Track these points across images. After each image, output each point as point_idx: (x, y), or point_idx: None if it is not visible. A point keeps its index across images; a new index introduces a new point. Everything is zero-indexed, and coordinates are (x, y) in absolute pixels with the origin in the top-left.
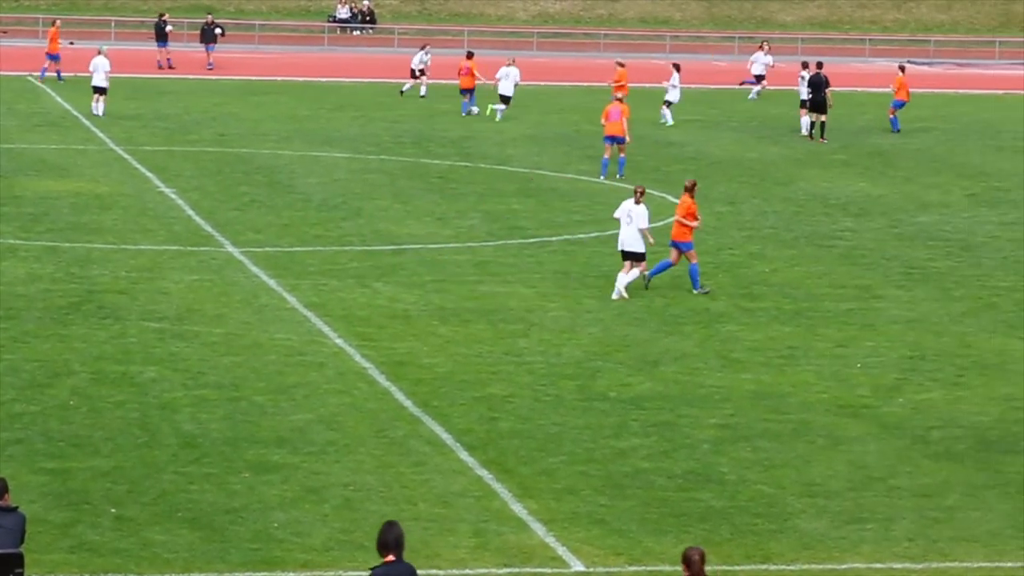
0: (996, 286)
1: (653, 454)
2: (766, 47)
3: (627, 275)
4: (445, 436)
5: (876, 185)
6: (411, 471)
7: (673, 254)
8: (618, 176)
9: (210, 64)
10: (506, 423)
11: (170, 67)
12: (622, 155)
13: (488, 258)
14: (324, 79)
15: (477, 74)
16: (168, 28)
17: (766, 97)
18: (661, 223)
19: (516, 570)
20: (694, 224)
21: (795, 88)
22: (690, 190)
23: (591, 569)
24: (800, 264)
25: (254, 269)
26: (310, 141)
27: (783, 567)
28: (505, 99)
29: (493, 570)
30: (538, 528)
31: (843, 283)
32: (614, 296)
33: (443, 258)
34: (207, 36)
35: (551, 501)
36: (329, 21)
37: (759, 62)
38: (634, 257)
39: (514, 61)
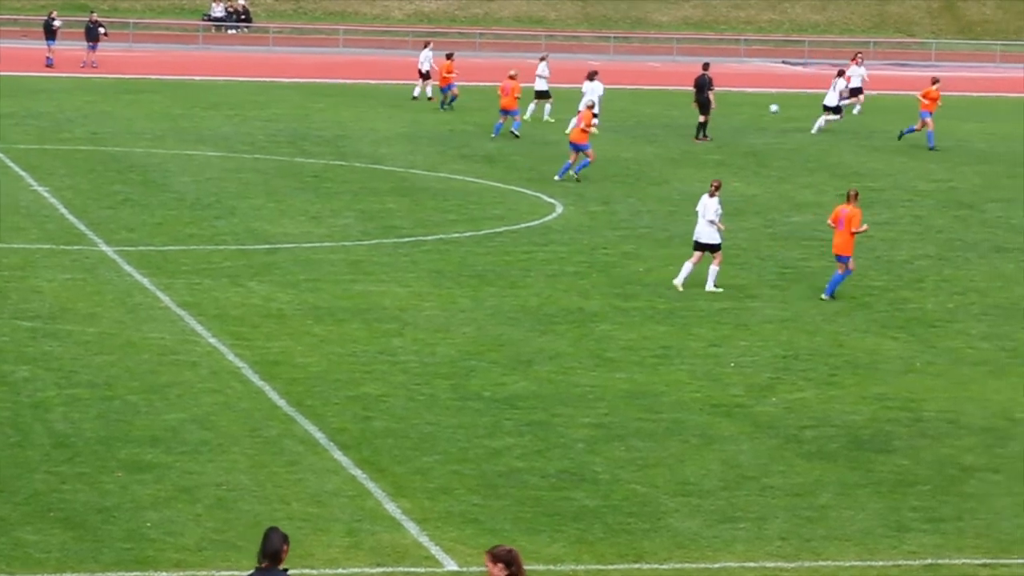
0: (869, 286)
1: (527, 453)
2: (860, 59)
3: (693, 264)
4: (319, 435)
5: (750, 185)
6: (285, 470)
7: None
8: (557, 178)
9: (94, 63)
10: (380, 422)
11: (48, 65)
12: (586, 159)
13: (362, 257)
14: (199, 77)
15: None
16: (56, 24)
17: (641, 97)
18: (537, 222)
19: (389, 569)
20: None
21: (676, 88)
22: (853, 198)
23: (464, 568)
24: (674, 263)
25: (127, 268)
26: (184, 140)
27: (656, 566)
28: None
29: (366, 569)
30: (411, 527)
31: (717, 283)
32: (676, 281)
33: (317, 257)
34: (91, 35)
35: (425, 500)
36: (204, 19)
37: (855, 76)
38: (708, 248)
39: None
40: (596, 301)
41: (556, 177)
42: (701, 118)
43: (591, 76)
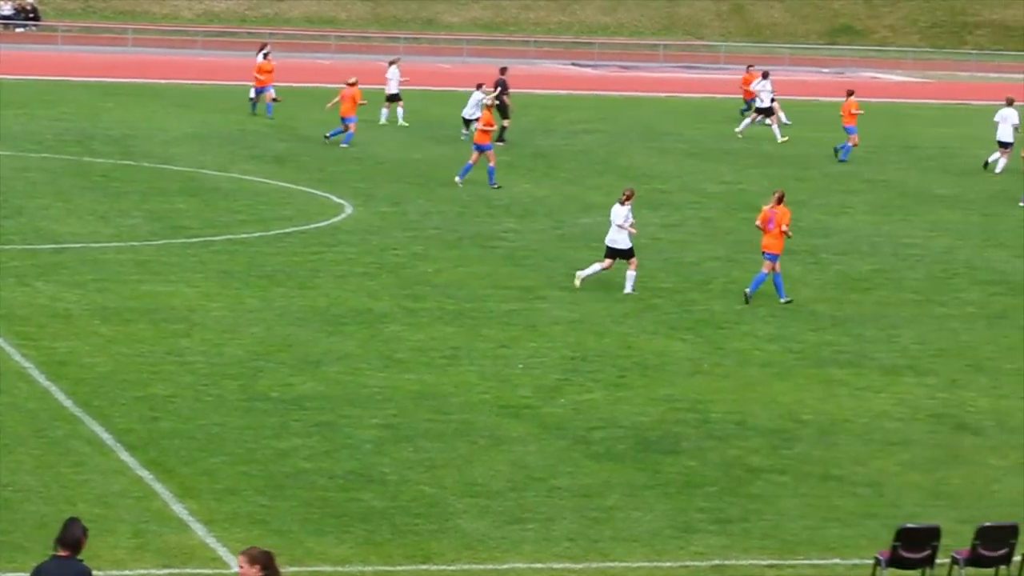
0: (658, 287)
1: (315, 454)
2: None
3: (599, 267)
4: (105, 436)
5: (540, 186)
6: (71, 471)
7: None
8: (458, 179)
9: None
10: (167, 423)
11: None
12: (490, 164)
13: (150, 257)
14: None
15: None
16: None
17: (431, 98)
18: (326, 223)
19: (176, 571)
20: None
21: (466, 89)
22: (780, 200)
23: None
24: (464, 265)
25: None
26: None
27: (444, 567)
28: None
29: (153, 571)
30: (199, 528)
31: (506, 284)
32: (579, 274)
33: (105, 257)
34: None
35: (212, 501)
36: None
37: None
38: (621, 255)
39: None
40: (385, 302)
41: (457, 179)
42: (503, 122)
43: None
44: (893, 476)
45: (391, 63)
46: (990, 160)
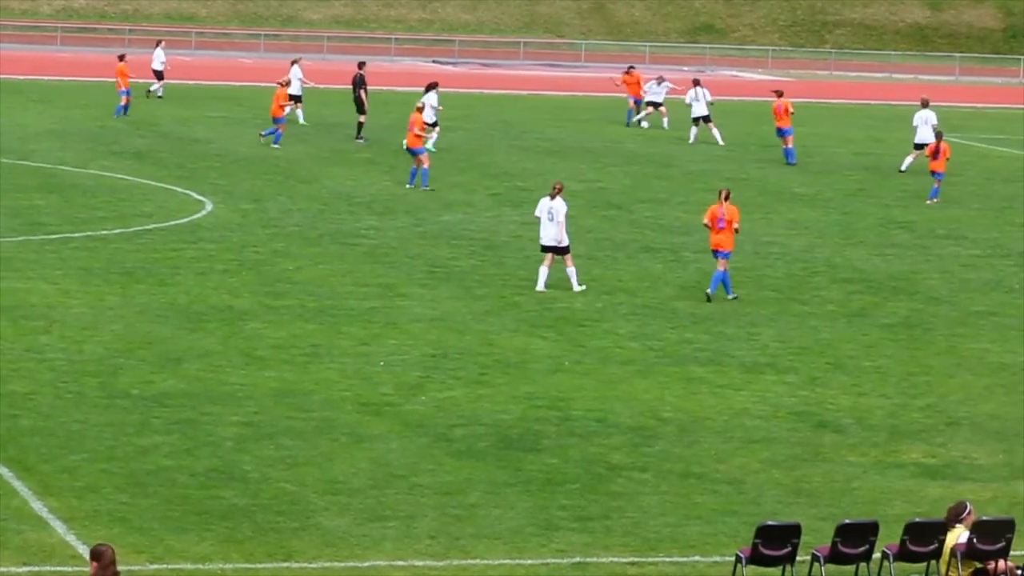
0: (519, 285)
1: (175, 452)
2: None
3: (548, 269)
4: None
5: (400, 183)
6: None
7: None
8: (408, 186)
9: None
10: (27, 420)
11: None
12: (423, 167)
13: (10, 254)
14: None
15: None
16: None
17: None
18: (186, 220)
19: (35, 569)
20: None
21: (325, 87)
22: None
23: None
24: (324, 262)
25: None
26: None
27: (305, 565)
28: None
29: (12, 569)
30: (58, 526)
31: (367, 281)
32: (540, 289)
33: None
34: None
35: (72, 499)
36: None
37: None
38: (558, 251)
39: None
40: (246, 299)
41: (408, 185)
42: (360, 118)
43: (429, 87)
44: (754, 473)
45: (293, 63)
46: (903, 167)
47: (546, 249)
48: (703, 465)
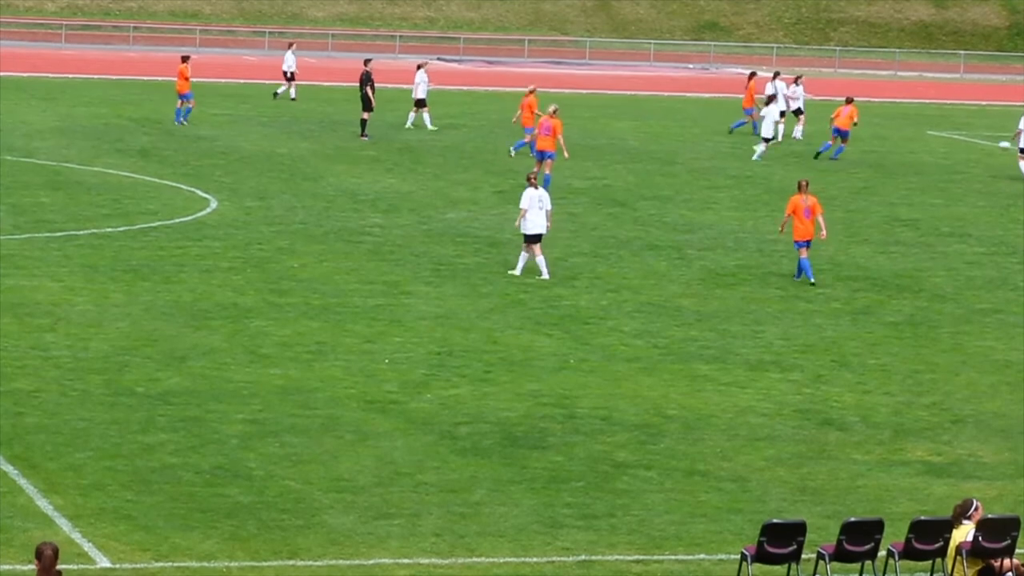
0: (523, 283)
1: (180, 449)
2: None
3: (528, 255)
4: None
5: (405, 181)
6: None
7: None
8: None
9: None
10: (32, 418)
11: None
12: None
13: (14, 251)
14: None
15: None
16: None
17: (298, 92)
18: (191, 217)
19: None
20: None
21: (331, 84)
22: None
23: (117, 565)
24: (329, 260)
25: None
26: None
27: (310, 563)
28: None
29: (18, 567)
30: (64, 524)
31: (372, 279)
32: (517, 273)
33: None
34: None
35: (77, 497)
36: None
37: (783, 95)
38: (537, 239)
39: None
40: (251, 297)
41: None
42: (364, 115)
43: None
44: (759, 471)
45: (290, 45)
46: None
47: (532, 238)
48: (708, 463)
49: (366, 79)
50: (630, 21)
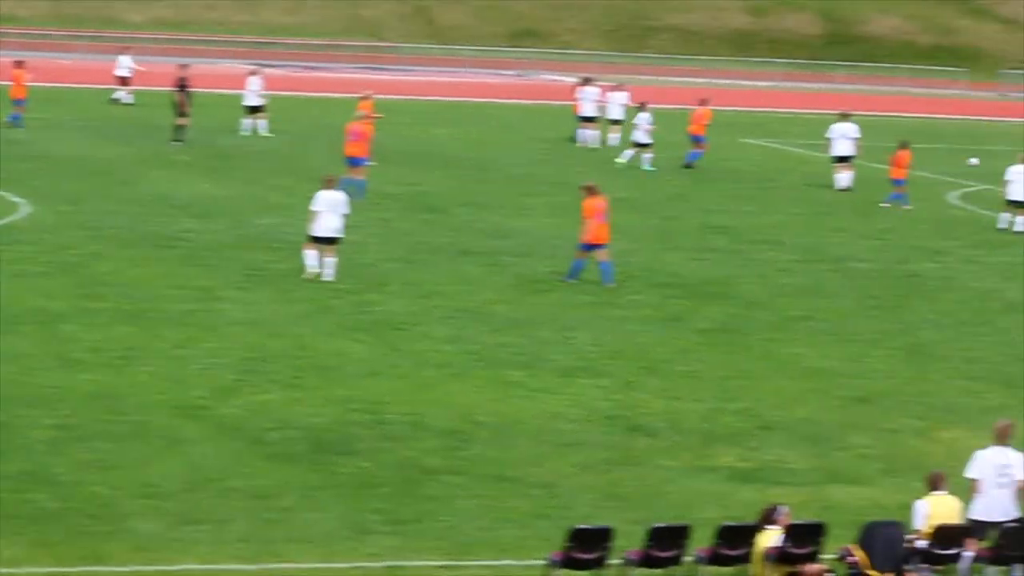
0: (335, 288)
1: None
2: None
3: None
4: None
5: (220, 186)
6: None
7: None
8: None
9: None
10: None
11: None
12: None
13: None
14: None
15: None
16: None
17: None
18: (2, 222)
19: None
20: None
21: (147, 88)
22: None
23: None
24: (142, 265)
25: None
26: None
27: (116, 568)
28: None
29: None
30: None
31: (184, 284)
32: (309, 275)
33: None
34: None
35: None
36: None
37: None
38: (330, 241)
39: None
40: (62, 301)
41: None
42: (180, 120)
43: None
44: (567, 477)
45: (123, 50)
46: (838, 186)
47: (322, 240)
48: (517, 469)
49: (181, 84)
50: (448, 27)
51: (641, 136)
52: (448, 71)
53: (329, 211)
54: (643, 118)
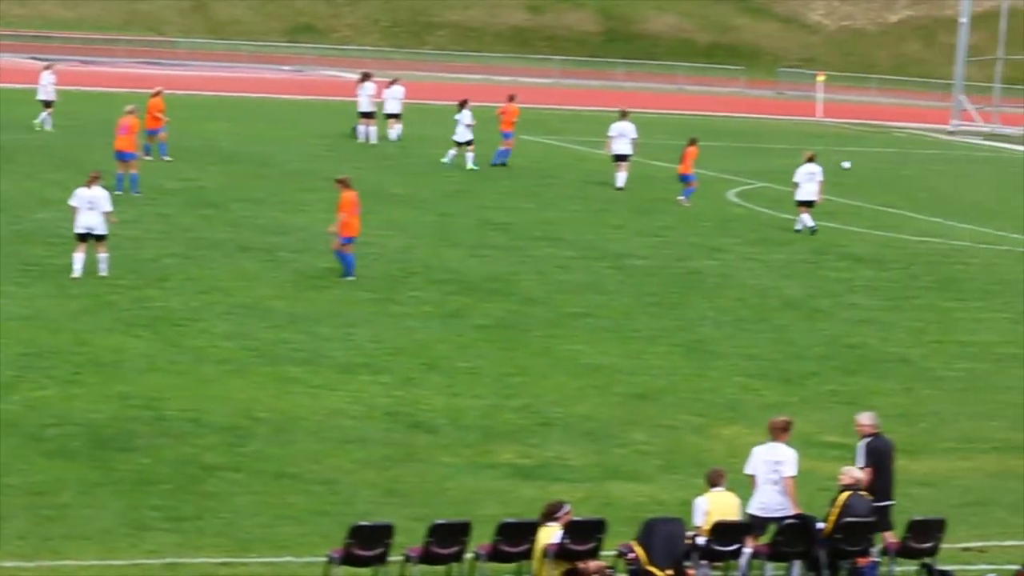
0: (114, 284)
1: None
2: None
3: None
4: None
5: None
6: None
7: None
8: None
9: None
10: None
11: None
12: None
13: None
14: None
15: None
16: None
17: None
18: None
19: None
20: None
21: None
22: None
23: None
24: None
25: None
26: None
27: None
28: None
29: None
30: None
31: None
32: (77, 275)
33: None
34: None
35: None
36: None
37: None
38: (97, 238)
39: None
40: None
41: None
42: None
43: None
44: (348, 474)
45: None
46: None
47: (88, 236)
48: (297, 465)
49: None
50: (226, 22)
51: (463, 134)
52: (227, 66)
53: (87, 208)
54: (464, 116)
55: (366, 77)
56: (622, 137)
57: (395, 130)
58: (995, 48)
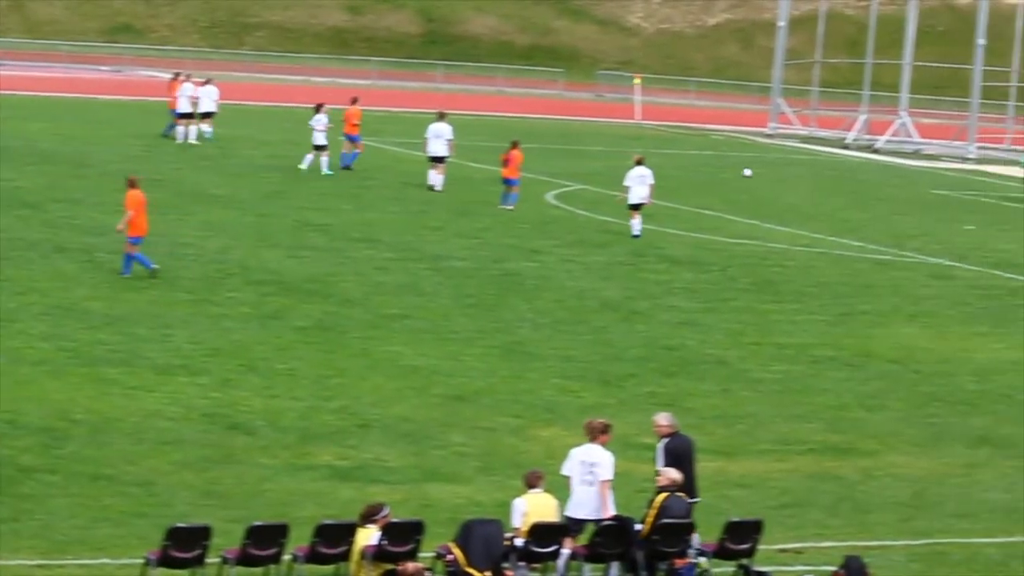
0: None
1: None
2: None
3: None
4: None
5: None
6: None
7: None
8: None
9: None
10: None
11: None
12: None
13: None
14: None
15: None
16: None
17: None
18: None
19: None
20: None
21: None
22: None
23: None
24: None
25: None
26: None
27: None
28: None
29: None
30: None
31: None
32: None
33: None
34: None
35: None
36: None
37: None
38: None
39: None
40: None
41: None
42: None
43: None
44: (165, 475)
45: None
46: (430, 184)
47: None
48: (114, 467)
49: None
50: (44, 22)
51: (319, 138)
52: (43, 66)
53: None
54: (319, 120)
55: (185, 78)
56: (438, 139)
57: (205, 128)
58: (813, 52)
